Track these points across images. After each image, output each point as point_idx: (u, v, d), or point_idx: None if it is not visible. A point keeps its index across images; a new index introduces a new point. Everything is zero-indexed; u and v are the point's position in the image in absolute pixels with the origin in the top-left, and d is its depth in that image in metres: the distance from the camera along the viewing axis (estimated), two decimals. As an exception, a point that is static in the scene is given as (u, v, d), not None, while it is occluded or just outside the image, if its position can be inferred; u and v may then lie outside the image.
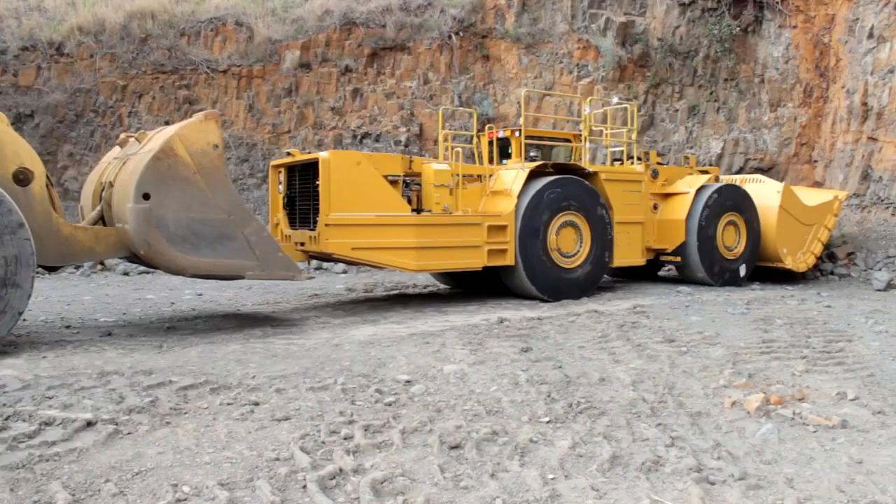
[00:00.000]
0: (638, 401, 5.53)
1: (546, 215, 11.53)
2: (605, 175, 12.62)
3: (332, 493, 3.88)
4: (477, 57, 21.01)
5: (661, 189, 14.19)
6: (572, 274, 11.80)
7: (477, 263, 11.12)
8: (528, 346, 7.59)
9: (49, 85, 21.19)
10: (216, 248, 8.54)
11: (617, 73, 19.83)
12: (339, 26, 21.23)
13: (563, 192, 11.71)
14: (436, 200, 11.19)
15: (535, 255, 11.41)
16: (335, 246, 10.11)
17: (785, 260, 14.40)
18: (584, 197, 11.97)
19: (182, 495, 3.83)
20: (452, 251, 10.86)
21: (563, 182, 11.77)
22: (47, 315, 10.49)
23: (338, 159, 10.36)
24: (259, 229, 8.81)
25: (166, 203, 8.23)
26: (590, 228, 12.03)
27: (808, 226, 14.83)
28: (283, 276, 9.08)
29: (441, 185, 11.24)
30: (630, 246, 12.94)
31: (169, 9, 22.01)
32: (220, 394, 5.81)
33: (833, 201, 15.22)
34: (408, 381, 6.16)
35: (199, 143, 8.44)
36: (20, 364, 7.04)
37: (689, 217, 13.61)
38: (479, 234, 11.08)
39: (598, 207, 12.13)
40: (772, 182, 15.07)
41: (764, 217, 14.39)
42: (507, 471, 4.16)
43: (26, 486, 4.00)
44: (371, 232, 10.26)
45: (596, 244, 12.06)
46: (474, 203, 11.79)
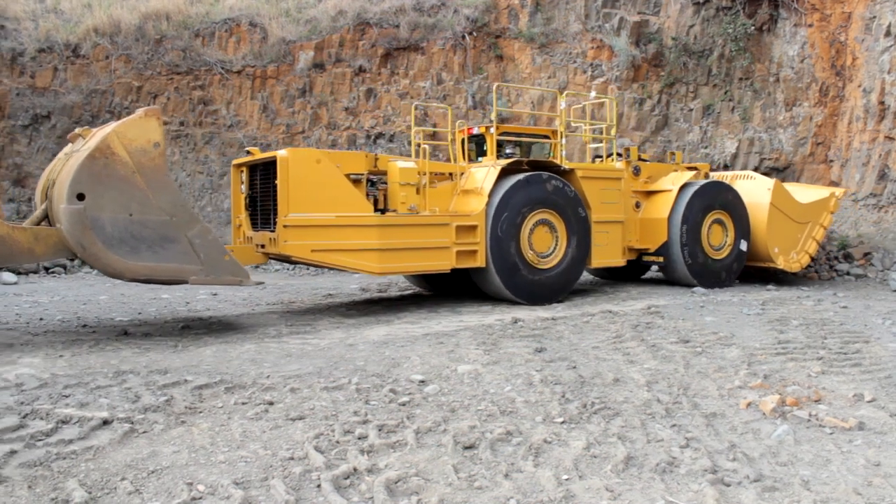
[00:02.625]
0: (652, 401, 5.51)
1: (519, 214, 11.09)
2: (581, 172, 12.19)
3: (347, 492, 3.88)
4: (490, 57, 20.99)
5: (644, 186, 13.72)
6: (548, 275, 11.36)
7: (445, 265, 10.69)
8: (542, 346, 7.58)
9: (65, 86, 21.33)
10: (157, 252, 8.18)
11: (631, 72, 19.77)
12: (353, 27, 21.26)
13: (537, 191, 11.28)
14: (401, 200, 10.69)
15: (507, 255, 10.98)
16: (294, 248, 9.74)
17: (776, 260, 13.94)
18: (560, 195, 11.53)
19: (197, 494, 3.85)
20: (418, 253, 10.42)
21: (537, 179, 11.35)
22: (64, 314, 10.56)
23: (296, 158, 9.95)
24: (203, 232, 8.47)
25: (102, 204, 7.85)
26: (566, 228, 11.60)
27: (801, 224, 14.29)
28: (230, 281, 8.72)
29: (407, 183, 10.73)
30: (609, 246, 12.51)
31: (183, 10, 22.11)
32: (235, 393, 5.83)
33: (829, 198, 14.67)
34: (422, 381, 6.17)
35: (138, 141, 8.06)
36: (38, 363, 7.10)
37: (671, 215, 13.13)
38: (447, 235, 10.64)
39: (575, 206, 11.69)
40: (762, 179, 14.58)
41: (754, 215, 13.92)
42: (521, 471, 4.16)
43: (44, 483, 4.03)
44: (331, 233, 9.88)
45: (572, 244, 11.64)
46: (445, 202, 11.39)
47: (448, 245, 10.64)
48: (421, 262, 10.52)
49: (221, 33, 21.78)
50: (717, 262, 13.46)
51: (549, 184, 11.41)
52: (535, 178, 11.30)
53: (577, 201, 11.71)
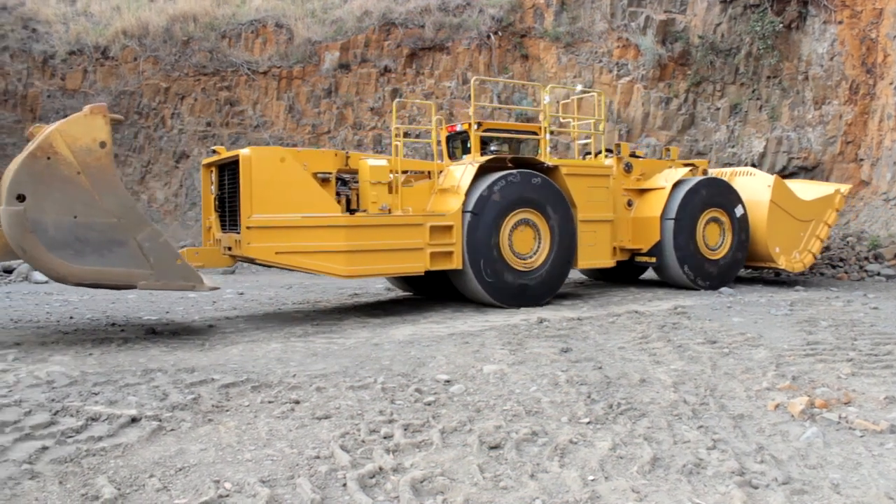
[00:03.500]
0: (679, 402, 5.47)
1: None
2: (566, 169, 11.67)
3: (372, 491, 3.89)
4: (516, 56, 20.96)
5: (637, 184, 13.21)
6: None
7: (418, 268, 10.23)
8: (567, 346, 7.55)
9: (95, 88, 21.60)
10: (104, 255, 7.85)
11: (657, 71, 19.65)
12: (378, 27, 21.33)
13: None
14: (372, 199, 10.22)
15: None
16: (257, 250, 9.35)
17: (778, 260, 13.46)
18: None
19: (224, 491, 3.87)
20: (389, 254, 9.96)
21: (518, 177, 10.88)
22: (93, 313, 10.69)
23: (259, 157, 9.57)
24: (153, 235, 8.12)
25: (44, 205, 7.55)
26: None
27: (804, 222, 13.76)
28: (182, 286, 8.40)
29: (378, 182, 10.25)
30: (597, 246, 12.00)
31: (210, 12, 22.30)
32: (262, 392, 5.86)
33: (834, 195, 14.11)
34: (447, 380, 6.17)
35: (83, 140, 7.75)
36: (68, 361, 7.19)
37: (664, 214, 12.65)
38: (421, 236, 10.19)
39: (559, 205, 11.22)
40: (763, 175, 14.07)
41: (753, 213, 13.41)
42: (546, 471, 4.14)
43: (74, 479, 4.08)
44: (296, 234, 9.46)
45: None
46: (422, 201, 10.95)
47: (421, 246, 10.20)
48: (392, 265, 10.09)
49: (248, 34, 21.94)
50: (714, 263, 12.98)
51: (531, 182, 10.99)
52: (514, 176, 10.86)
53: (561, 200, 11.27)
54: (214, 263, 10.26)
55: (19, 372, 6.67)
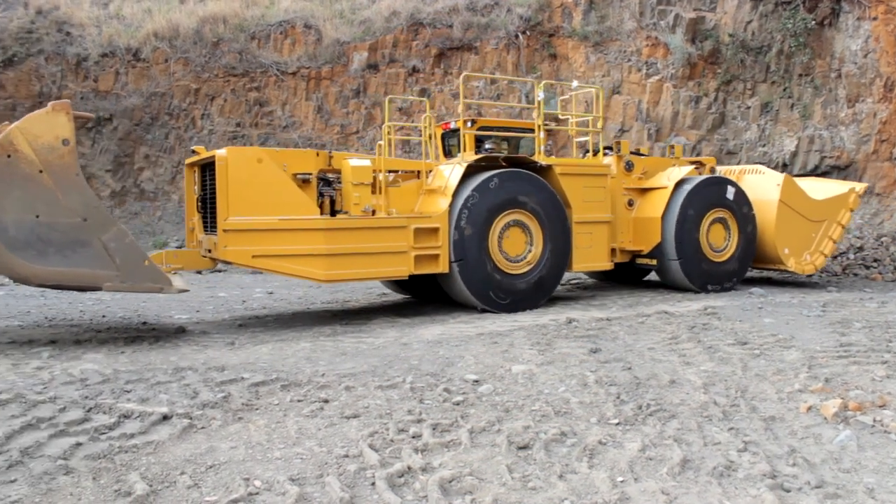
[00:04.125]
0: (709, 404, 5.42)
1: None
2: (560, 169, 11.19)
3: (401, 490, 3.91)
4: (544, 56, 20.90)
5: (638, 183, 12.75)
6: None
7: (402, 272, 9.89)
8: (596, 346, 7.52)
9: (126, 89, 21.87)
10: (67, 256, 7.68)
11: (686, 70, 19.49)
12: (406, 27, 21.37)
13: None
14: (354, 201, 9.88)
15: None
16: (233, 254, 9.04)
17: (787, 262, 12.96)
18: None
19: (254, 489, 3.91)
20: (371, 258, 9.61)
21: (508, 177, 10.50)
22: (125, 312, 10.82)
23: (236, 157, 9.25)
24: (119, 235, 7.94)
25: (4, 204, 7.42)
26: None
27: (815, 223, 13.20)
28: (149, 288, 8.20)
29: (360, 183, 9.90)
30: (593, 248, 11.51)
31: (240, 13, 22.48)
32: (291, 391, 5.90)
33: (848, 194, 13.52)
34: (476, 380, 6.17)
35: (45, 138, 7.57)
36: (100, 358, 7.30)
37: (665, 214, 12.17)
38: (405, 238, 9.82)
39: (552, 205, 10.82)
40: (772, 173, 13.51)
41: (761, 213, 12.88)
42: (575, 472, 4.13)
43: (107, 475, 4.14)
44: (274, 238, 9.14)
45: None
46: (411, 202, 10.60)
47: (405, 249, 9.83)
48: (374, 269, 9.77)
49: (277, 35, 22.08)
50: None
51: (522, 182, 10.62)
52: (505, 176, 10.48)
53: (554, 200, 10.89)
54: (194, 265, 10.08)
55: (54, 369, 6.78)
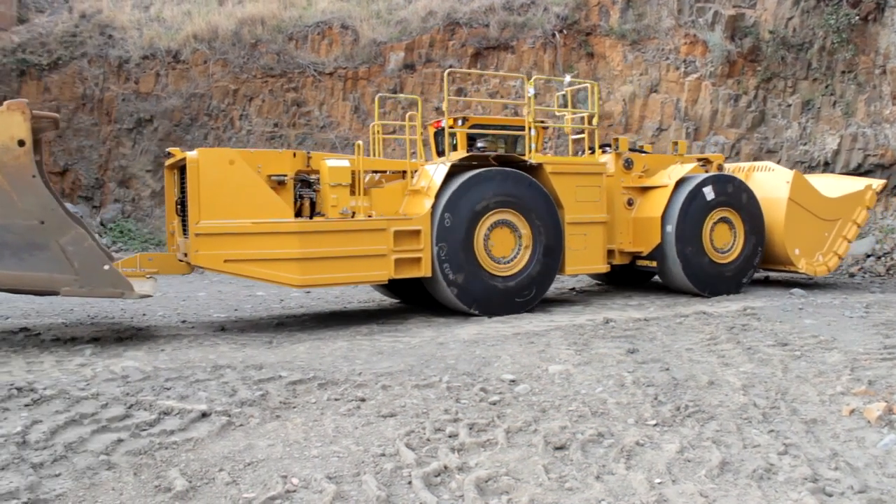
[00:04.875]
0: (749, 406, 5.36)
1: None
2: (551, 167, 10.74)
3: (437, 490, 3.91)
4: (581, 55, 20.78)
5: (638, 182, 12.27)
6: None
7: (381, 276, 9.52)
8: (634, 347, 7.46)
9: (166, 91, 22.18)
10: (23, 259, 7.43)
11: (726, 68, 19.25)
12: (443, 27, 21.38)
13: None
14: (332, 203, 9.53)
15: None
16: (205, 259, 8.76)
17: (798, 263, 12.39)
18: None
19: (291, 487, 3.94)
20: (349, 262, 9.26)
21: (493, 176, 10.11)
22: (165, 310, 10.97)
23: (207, 159, 8.96)
24: (78, 238, 7.66)
25: None
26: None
27: (828, 221, 12.65)
28: (109, 293, 7.93)
29: (338, 184, 9.54)
30: (588, 250, 11.05)
31: (277, 14, 22.68)
32: (328, 389, 5.94)
33: (864, 192, 12.93)
34: (512, 380, 6.16)
35: None
36: (141, 356, 7.41)
37: (665, 214, 11.67)
38: (384, 241, 9.44)
39: (542, 205, 10.40)
40: (782, 170, 12.94)
41: (770, 212, 12.33)
42: (612, 473, 4.11)
43: (148, 471, 4.21)
44: (246, 242, 8.84)
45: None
46: (396, 203, 10.19)
47: (385, 253, 9.46)
48: (352, 273, 9.37)
49: (314, 36, 22.23)
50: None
51: (510, 181, 10.23)
52: (491, 175, 10.12)
53: (544, 200, 10.47)
54: (170, 270, 9.82)
55: (96, 366, 6.91)
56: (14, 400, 5.61)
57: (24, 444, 4.58)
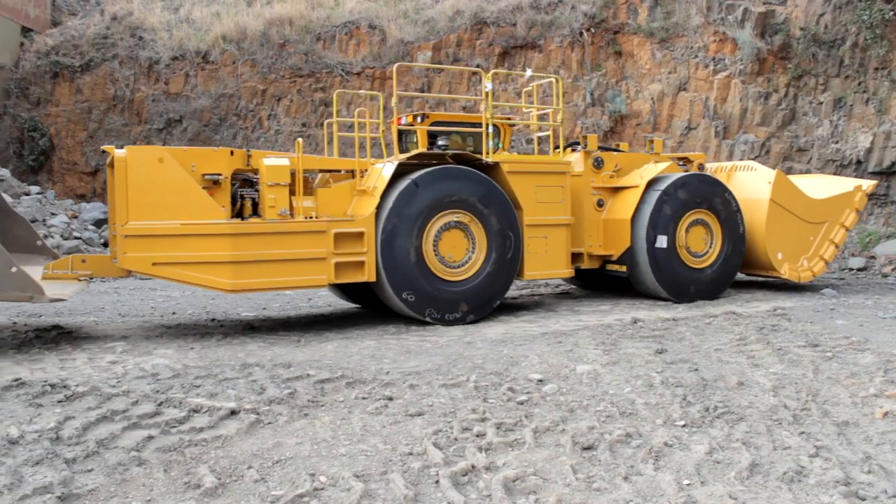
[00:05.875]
0: (779, 407, 5.30)
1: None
2: (509, 166, 10.15)
3: (465, 489, 3.91)
4: (609, 53, 20.67)
5: (609, 182, 11.63)
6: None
7: (320, 280, 9.11)
8: (662, 347, 7.42)
9: (196, 91, 22.39)
10: None
11: (755, 65, 19.05)
12: (470, 26, 21.37)
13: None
14: (269, 203, 9.04)
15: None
16: (133, 261, 8.36)
17: (780, 268, 11.81)
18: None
19: (319, 485, 3.96)
20: (285, 265, 8.82)
21: (444, 175, 9.56)
22: (194, 308, 11.08)
23: (135, 157, 8.57)
24: None
25: None
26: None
27: (814, 224, 12.06)
28: (17, 297, 7.60)
29: (276, 183, 9.08)
30: (549, 254, 10.41)
31: (305, 15, 22.80)
32: (356, 388, 5.97)
33: (854, 193, 12.34)
34: (540, 380, 6.15)
35: None
36: (171, 354, 7.49)
37: (635, 216, 11.06)
38: (323, 244, 8.99)
39: (497, 206, 9.78)
40: (764, 170, 12.34)
41: (751, 214, 11.70)
42: (640, 474, 4.09)
43: (177, 468, 4.25)
44: (175, 244, 8.45)
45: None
46: (345, 205, 9.65)
47: (324, 256, 9.01)
48: (288, 277, 8.95)
49: (342, 36, 22.31)
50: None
51: (461, 180, 9.66)
52: (440, 174, 9.56)
53: (500, 200, 9.86)
54: (105, 272, 9.38)
55: (127, 364, 6.99)
56: (48, 396, 5.70)
57: (57, 440, 4.65)
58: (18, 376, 6.30)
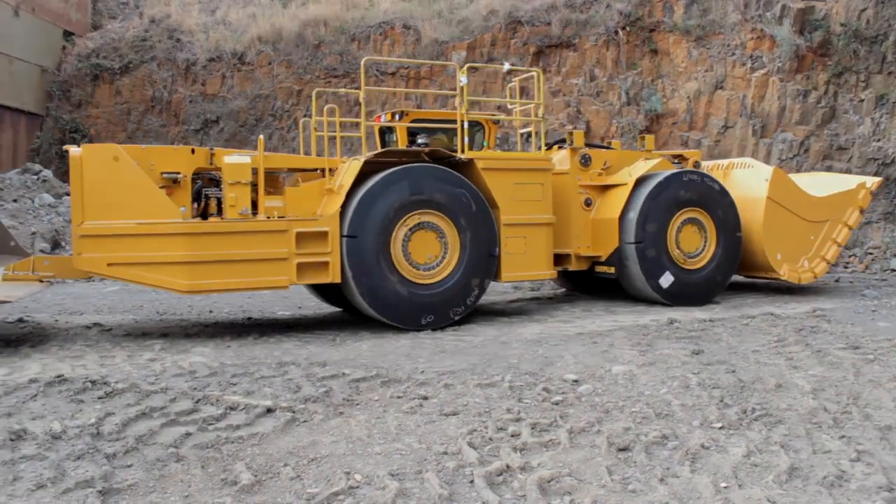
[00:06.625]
0: (819, 410, 5.22)
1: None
2: (484, 163, 9.70)
3: (499, 489, 3.91)
4: (644, 51, 20.50)
5: (598, 180, 11.20)
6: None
7: (281, 282, 8.83)
8: (699, 348, 7.35)
9: (232, 92, 22.63)
10: None
11: (794, 63, 18.76)
12: (505, 25, 21.33)
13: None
14: (230, 202, 8.76)
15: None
16: (88, 261, 8.20)
17: (779, 269, 11.31)
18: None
19: (354, 483, 3.98)
20: (244, 266, 8.56)
21: (413, 173, 9.18)
22: (231, 307, 11.19)
23: (91, 155, 8.39)
24: None
25: None
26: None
27: (815, 223, 11.59)
28: None
29: (236, 182, 8.78)
30: (529, 254, 9.92)
31: (340, 15, 22.93)
32: (391, 387, 5.99)
33: (857, 190, 11.89)
34: (575, 380, 6.12)
35: None
36: (208, 352, 7.58)
37: (623, 215, 10.64)
38: (285, 244, 8.70)
39: (471, 205, 9.37)
40: (762, 167, 11.92)
41: (748, 213, 11.23)
42: (677, 476, 4.05)
43: (214, 464, 4.30)
44: (131, 244, 8.26)
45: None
46: (314, 204, 9.33)
47: (286, 256, 8.72)
48: (248, 278, 8.68)
49: (376, 36, 22.40)
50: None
51: (431, 178, 9.27)
52: (408, 172, 9.18)
53: (474, 199, 9.43)
54: (68, 274, 9.25)
55: (165, 361, 7.10)
56: (88, 392, 5.81)
57: (98, 436, 4.74)
58: (61, 373, 6.41)
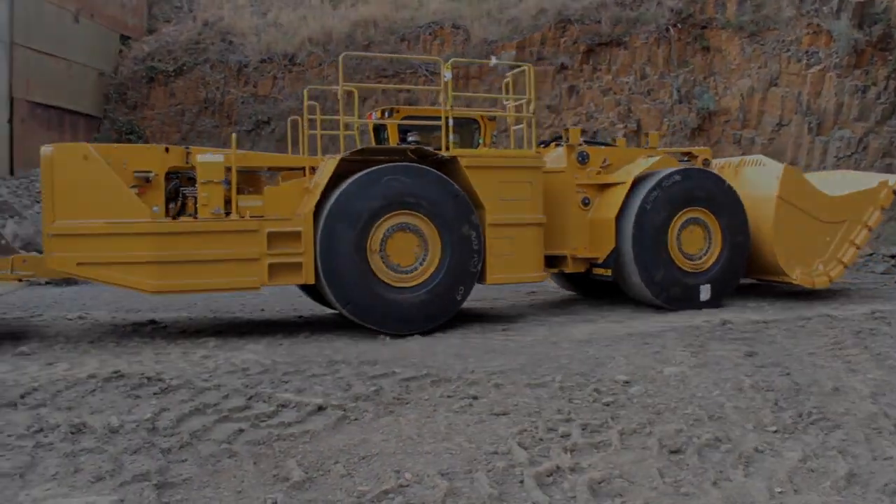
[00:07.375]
0: (878, 415, 5.09)
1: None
2: (468, 161, 9.30)
3: (549, 489, 3.90)
4: (696, 49, 20.22)
5: (596, 179, 10.67)
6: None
7: (252, 283, 8.62)
8: (752, 350, 7.22)
9: (283, 93, 22.91)
10: None
11: (852, 58, 18.31)
12: (554, 24, 21.23)
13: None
14: (203, 201, 8.59)
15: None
16: (59, 261, 8.20)
17: (791, 273, 10.53)
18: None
19: (404, 481, 4.00)
20: (214, 267, 8.42)
21: (391, 172, 8.84)
22: (282, 305, 11.33)
23: (61, 155, 8.37)
24: None
25: None
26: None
27: (831, 224, 10.87)
28: None
29: (209, 181, 8.60)
30: (517, 256, 9.51)
31: (390, 16, 23.06)
32: (440, 386, 6.00)
33: (878, 189, 11.14)
34: (626, 381, 6.06)
35: None
36: (261, 350, 7.69)
37: (621, 215, 10.14)
38: (256, 244, 8.51)
39: (453, 204, 8.99)
40: (773, 164, 11.12)
41: (757, 212, 10.54)
42: (730, 480, 3.99)
43: (266, 461, 4.37)
44: (100, 243, 8.22)
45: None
46: (295, 204, 9.05)
47: (257, 256, 8.53)
48: (218, 279, 8.53)
49: (425, 36, 22.48)
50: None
51: (410, 177, 8.93)
52: (387, 171, 8.84)
53: (456, 199, 9.06)
54: (44, 273, 9.12)
55: (218, 359, 7.21)
56: (144, 388, 5.94)
57: (153, 431, 4.84)
58: (118, 369, 6.57)
